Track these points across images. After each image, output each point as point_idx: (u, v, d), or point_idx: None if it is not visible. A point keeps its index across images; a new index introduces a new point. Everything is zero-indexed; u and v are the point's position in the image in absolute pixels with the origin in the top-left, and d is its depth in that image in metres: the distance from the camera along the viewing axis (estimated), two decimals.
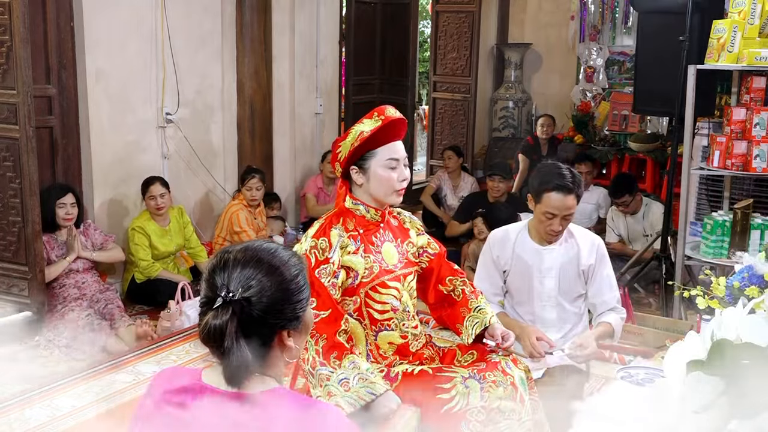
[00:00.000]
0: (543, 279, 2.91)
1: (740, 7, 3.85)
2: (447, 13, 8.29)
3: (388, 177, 2.35)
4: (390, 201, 2.40)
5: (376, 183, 2.36)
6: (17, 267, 4.08)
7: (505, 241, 2.97)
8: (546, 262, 2.91)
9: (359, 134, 2.33)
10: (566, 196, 2.76)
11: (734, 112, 3.92)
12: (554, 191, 2.76)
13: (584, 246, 2.93)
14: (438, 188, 6.64)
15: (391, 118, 2.33)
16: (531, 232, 2.95)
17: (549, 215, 2.78)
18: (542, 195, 2.78)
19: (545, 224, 2.81)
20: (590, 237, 2.99)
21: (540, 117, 7.50)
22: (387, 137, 2.35)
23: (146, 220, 4.72)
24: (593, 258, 2.93)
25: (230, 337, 1.33)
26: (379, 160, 2.35)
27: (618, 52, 8.07)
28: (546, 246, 2.92)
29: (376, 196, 2.39)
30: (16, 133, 3.93)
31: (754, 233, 3.80)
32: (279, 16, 5.89)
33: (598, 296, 2.96)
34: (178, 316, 4.20)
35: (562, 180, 2.77)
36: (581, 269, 2.93)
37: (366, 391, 2.15)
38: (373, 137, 2.32)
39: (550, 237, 2.87)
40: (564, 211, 2.78)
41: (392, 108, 2.39)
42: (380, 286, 2.38)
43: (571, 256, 2.92)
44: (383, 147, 2.35)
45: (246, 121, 5.68)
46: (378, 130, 2.32)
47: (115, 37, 4.77)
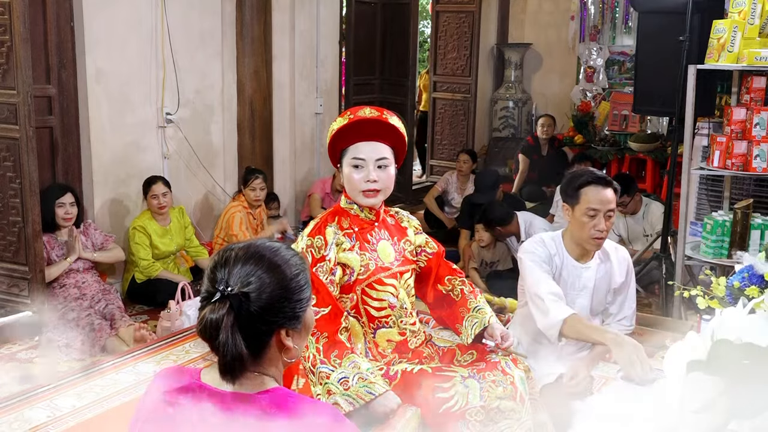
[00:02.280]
0: (576, 298, 2.81)
1: (740, 7, 3.85)
2: (447, 13, 8.29)
3: (350, 177, 2.35)
4: (360, 201, 2.38)
5: (346, 182, 2.38)
6: (17, 267, 4.08)
7: (548, 247, 2.80)
8: (582, 280, 2.81)
9: (330, 131, 2.37)
10: (605, 189, 2.67)
11: (734, 112, 3.92)
12: (592, 184, 2.67)
13: (616, 263, 2.85)
14: (444, 191, 6.63)
15: (360, 118, 2.32)
16: (568, 247, 2.81)
17: (592, 212, 2.65)
18: (580, 192, 2.68)
19: (588, 226, 2.67)
20: (620, 253, 2.89)
21: (540, 117, 7.50)
22: (358, 137, 2.34)
23: (147, 220, 4.72)
24: (623, 275, 2.87)
25: (226, 331, 1.33)
26: (347, 159, 2.36)
27: (618, 52, 8.07)
28: (583, 263, 2.81)
29: (349, 194, 2.40)
30: (16, 133, 3.93)
31: (754, 233, 3.80)
32: (279, 16, 5.90)
33: (617, 308, 2.92)
34: (178, 316, 4.20)
35: (596, 174, 2.71)
36: (613, 288, 2.87)
37: (365, 391, 2.16)
38: (342, 136, 2.33)
39: (597, 242, 2.70)
40: (606, 205, 2.66)
41: (371, 109, 2.37)
42: (376, 283, 2.38)
43: (603, 274, 2.84)
44: (352, 146, 2.35)
45: (246, 121, 5.68)
46: (344, 128, 2.33)
47: (115, 37, 4.77)
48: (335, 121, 2.38)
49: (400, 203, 7.14)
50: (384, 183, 2.36)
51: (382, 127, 2.35)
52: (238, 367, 1.36)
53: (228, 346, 1.33)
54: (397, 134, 2.38)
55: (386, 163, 2.36)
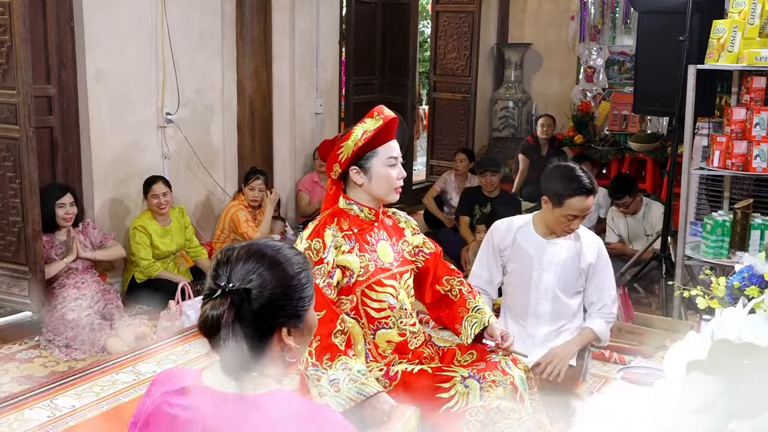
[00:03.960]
0: (542, 272, 2.98)
1: (740, 7, 3.84)
2: (447, 13, 8.29)
3: (389, 175, 2.38)
4: (390, 199, 2.42)
5: (378, 181, 2.38)
6: (17, 267, 4.07)
7: (508, 230, 3.04)
8: (547, 255, 2.97)
9: (362, 134, 2.35)
10: (588, 198, 2.86)
11: (734, 112, 3.92)
12: (577, 195, 2.84)
13: (587, 245, 3.00)
14: (442, 191, 6.63)
15: (389, 117, 2.36)
16: (536, 226, 3.01)
17: (571, 217, 2.87)
18: (564, 200, 2.85)
19: (564, 225, 2.90)
20: (593, 237, 3.07)
21: (540, 117, 7.50)
22: (386, 136, 2.38)
23: (148, 220, 4.72)
24: (594, 257, 2.99)
25: (226, 327, 1.33)
26: (380, 159, 2.37)
27: (618, 52, 8.07)
28: (550, 239, 2.98)
29: (377, 195, 2.40)
30: (16, 133, 3.92)
31: (754, 233, 3.80)
32: (279, 16, 5.89)
33: (594, 295, 3.03)
34: (178, 316, 4.20)
35: (581, 183, 2.85)
36: (581, 267, 2.98)
37: (356, 392, 2.15)
38: (374, 136, 2.35)
39: (566, 234, 2.96)
40: (585, 211, 2.89)
41: (386, 107, 2.43)
42: (376, 284, 2.38)
43: (573, 253, 2.98)
44: (383, 146, 2.38)
45: (246, 121, 5.68)
46: (381, 129, 2.34)
47: (115, 37, 4.77)
48: (364, 123, 2.37)
49: (400, 203, 7.14)
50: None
51: (397, 126, 2.42)
52: (238, 364, 1.36)
53: (228, 342, 1.33)
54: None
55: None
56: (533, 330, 3.01)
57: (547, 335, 2.99)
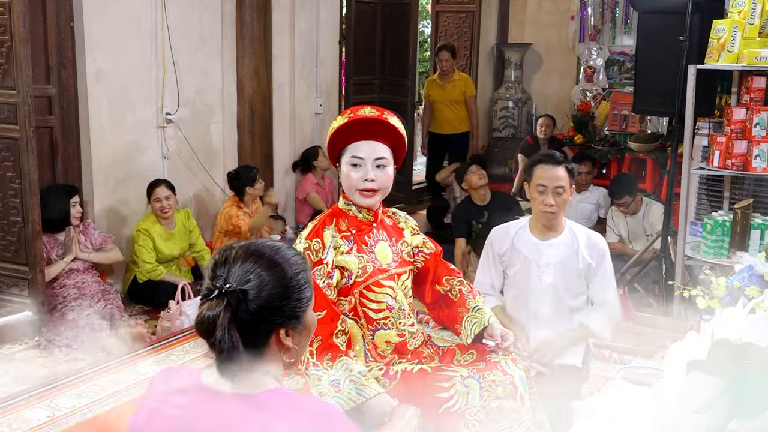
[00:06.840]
0: (541, 275, 2.97)
1: (740, 7, 3.84)
2: (447, 13, 8.29)
3: (348, 175, 2.35)
4: (356, 200, 2.39)
5: (343, 180, 2.39)
6: (17, 267, 4.08)
7: (505, 236, 3.05)
8: (544, 257, 2.96)
9: (330, 130, 2.37)
10: (555, 167, 2.87)
11: (734, 112, 3.92)
12: (542, 163, 2.89)
13: (583, 244, 2.98)
14: (449, 186, 6.62)
15: (359, 117, 2.33)
16: (532, 227, 3.02)
17: (541, 188, 2.88)
18: (532, 170, 2.92)
19: (539, 201, 2.90)
20: (591, 235, 3.04)
21: (540, 117, 7.49)
22: (357, 136, 2.35)
23: (152, 223, 4.70)
24: (593, 257, 2.97)
25: (222, 328, 1.33)
26: (345, 158, 2.37)
27: (618, 52, 8.07)
28: (545, 240, 2.97)
29: (346, 194, 2.41)
30: (16, 133, 3.93)
31: (754, 233, 3.80)
32: (279, 16, 5.89)
33: (597, 294, 3.01)
34: (178, 316, 4.20)
35: (547, 153, 2.96)
36: (580, 268, 2.96)
37: (356, 393, 2.14)
38: (342, 134, 2.34)
39: (547, 216, 2.91)
40: (554, 182, 2.86)
41: (371, 109, 2.38)
42: (374, 285, 2.38)
43: (570, 253, 2.97)
44: (351, 145, 2.36)
45: (246, 121, 5.68)
46: (344, 127, 2.33)
47: (115, 36, 4.77)
48: (335, 120, 2.39)
49: (400, 203, 7.14)
50: (382, 183, 2.36)
51: (381, 127, 2.35)
52: (235, 364, 1.35)
53: (224, 343, 1.33)
54: (396, 134, 2.38)
55: (384, 162, 2.36)
56: (536, 332, 2.98)
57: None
